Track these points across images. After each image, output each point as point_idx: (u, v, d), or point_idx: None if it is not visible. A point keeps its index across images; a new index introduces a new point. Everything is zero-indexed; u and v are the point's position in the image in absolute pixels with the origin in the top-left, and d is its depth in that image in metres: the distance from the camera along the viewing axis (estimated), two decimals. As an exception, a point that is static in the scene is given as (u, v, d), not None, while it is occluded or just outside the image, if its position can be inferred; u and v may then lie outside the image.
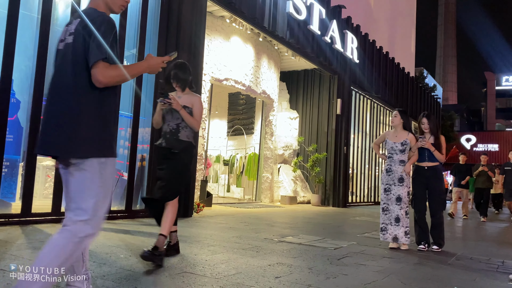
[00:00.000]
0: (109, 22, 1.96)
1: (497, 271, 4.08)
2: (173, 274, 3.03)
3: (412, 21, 28.94)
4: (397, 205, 4.94)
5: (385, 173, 5.10)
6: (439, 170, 5.10)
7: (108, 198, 2.01)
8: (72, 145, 1.88)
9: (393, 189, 4.99)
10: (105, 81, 1.88)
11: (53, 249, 1.88)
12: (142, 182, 6.67)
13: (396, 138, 5.10)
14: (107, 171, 1.95)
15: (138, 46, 6.46)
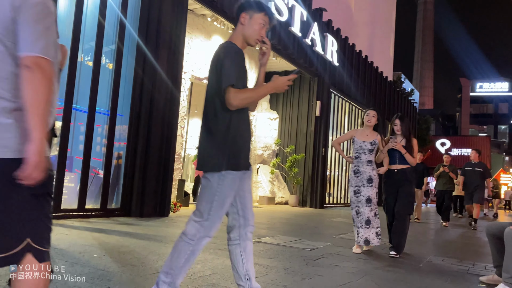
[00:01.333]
0: (237, 52, 2.25)
1: (467, 273, 4.18)
2: (147, 274, 2.99)
3: (391, 26, 29.44)
4: (367, 207, 4.78)
5: (353, 174, 4.91)
6: (409, 172, 4.92)
7: (225, 207, 2.25)
8: (203, 161, 2.27)
9: (362, 191, 4.82)
10: (236, 104, 2.15)
11: (177, 252, 2.25)
12: (118, 180, 6.57)
13: (366, 137, 4.93)
14: (226, 183, 2.20)
15: (117, 42, 6.36)
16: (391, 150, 4.92)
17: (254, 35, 2.36)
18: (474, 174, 9.33)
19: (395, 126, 5.03)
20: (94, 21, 6.08)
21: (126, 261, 3.34)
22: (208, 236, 2.25)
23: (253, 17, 2.35)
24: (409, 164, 4.89)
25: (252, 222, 2.40)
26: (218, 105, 2.22)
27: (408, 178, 4.90)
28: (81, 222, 5.37)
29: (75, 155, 6.55)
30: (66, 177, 5.81)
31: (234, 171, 2.21)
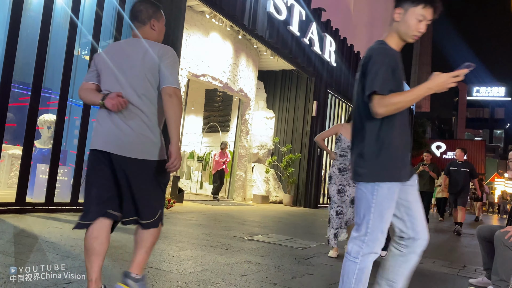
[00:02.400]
0: (385, 53, 2.05)
1: (457, 275, 4.20)
2: (138, 269, 2.99)
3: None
4: (351, 208, 4.43)
5: (337, 172, 4.51)
6: None
7: (385, 219, 2.07)
8: (355, 171, 2.12)
9: (347, 190, 4.47)
10: (382, 112, 1.97)
11: (345, 272, 2.11)
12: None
13: None
14: (381, 193, 2.04)
15: (114, 36, 6.34)
16: None
17: (410, 31, 2.13)
18: (459, 175, 8.61)
19: None
20: (91, 14, 6.05)
21: (117, 256, 3.33)
22: (374, 252, 2.07)
23: (409, 11, 2.11)
24: None
25: (424, 236, 2.19)
26: (364, 112, 2.08)
27: None
28: (74, 216, 5.35)
29: (69, 149, 6.54)
30: (60, 171, 5.79)
31: (389, 182, 2.04)
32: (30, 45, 5.43)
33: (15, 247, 3.24)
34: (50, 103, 6.62)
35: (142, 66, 2.14)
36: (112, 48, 2.29)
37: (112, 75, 2.18)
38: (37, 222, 4.59)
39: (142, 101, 2.13)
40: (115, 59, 2.20)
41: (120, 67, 2.17)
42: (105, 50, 2.29)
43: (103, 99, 2.11)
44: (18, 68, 5.23)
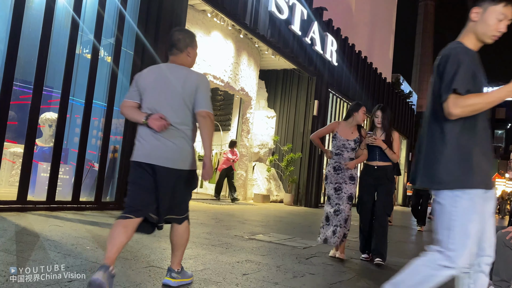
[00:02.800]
0: (463, 53, 1.96)
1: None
2: (140, 268, 2.99)
3: (391, 28, 29.47)
4: (348, 204, 4.37)
5: (332, 171, 4.43)
6: (390, 170, 4.49)
7: (469, 233, 1.91)
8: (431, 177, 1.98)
9: (344, 188, 4.38)
10: (457, 113, 1.88)
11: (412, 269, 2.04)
12: (114, 174, 6.56)
13: (351, 134, 4.47)
14: (462, 204, 1.90)
15: (116, 35, 6.34)
16: (370, 146, 4.48)
17: (489, 32, 2.02)
18: None
19: (376, 118, 4.53)
20: (93, 13, 6.06)
21: (119, 255, 3.33)
22: (457, 268, 1.91)
23: (488, 10, 2.00)
24: (391, 160, 4.46)
25: (490, 252, 2.04)
26: (440, 114, 1.96)
27: (388, 176, 4.48)
28: (75, 214, 5.36)
29: (70, 148, 6.54)
30: (61, 169, 5.80)
31: (471, 189, 1.90)
32: (32, 44, 5.43)
33: (16, 245, 3.24)
34: (52, 101, 6.63)
35: (183, 91, 2.53)
36: (153, 71, 2.61)
37: (154, 96, 2.53)
38: (38, 220, 4.60)
39: (181, 120, 2.53)
40: (157, 82, 2.55)
41: (162, 90, 2.53)
42: (147, 72, 2.63)
43: (146, 119, 2.46)
44: (19, 67, 5.24)
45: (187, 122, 2.56)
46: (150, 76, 2.58)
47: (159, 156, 2.48)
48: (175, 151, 2.51)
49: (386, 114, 4.52)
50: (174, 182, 2.53)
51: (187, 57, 2.65)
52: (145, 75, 2.60)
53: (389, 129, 4.52)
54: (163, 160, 2.48)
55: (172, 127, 2.51)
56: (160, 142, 2.49)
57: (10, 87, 4.96)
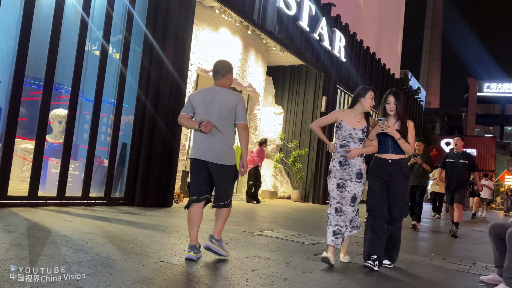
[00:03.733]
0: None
1: (468, 272, 4.18)
2: (150, 263, 3.02)
3: (399, 24, 29.25)
4: (351, 206, 3.82)
5: (338, 166, 3.84)
6: (405, 165, 3.96)
7: None
8: None
9: (348, 186, 3.80)
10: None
11: None
12: (123, 170, 6.61)
13: (358, 123, 3.87)
14: None
15: (124, 33, 6.36)
16: (381, 136, 3.91)
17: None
18: (457, 168, 7.35)
19: (387, 104, 3.95)
20: (102, 10, 6.08)
21: (129, 250, 3.36)
22: None
23: None
24: (405, 153, 3.94)
25: None
26: None
27: (404, 171, 3.92)
28: (85, 210, 5.41)
29: (80, 144, 6.59)
30: (71, 165, 5.85)
31: None
32: (42, 41, 5.47)
33: (28, 240, 3.29)
34: (61, 97, 6.67)
35: (225, 107, 3.42)
36: (203, 91, 3.52)
37: (204, 110, 3.43)
38: (49, 215, 4.65)
39: (224, 128, 3.42)
40: (206, 100, 3.45)
41: (210, 106, 3.42)
42: (198, 92, 3.54)
43: (199, 126, 3.35)
44: (30, 64, 5.28)
45: (228, 131, 3.45)
46: (201, 96, 3.47)
47: (209, 155, 3.38)
48: (220, 152, 3.39)
49: (399, 99, 3.93)
50: (220, 174, 3.44)
51: (227, 80, 3.54)
52: (196, 95, 3.50)
53: (403, 117, 3.94)
54: (212, 158, 3.38)
55: (217, 131, 3.39)
56: (209, 144, 3.38)
57: (21, 84, 5.01)
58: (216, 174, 3.41)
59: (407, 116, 4.01)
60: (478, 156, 40.35)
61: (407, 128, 3.90)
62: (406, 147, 3.86)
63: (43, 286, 2.24)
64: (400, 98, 3.94)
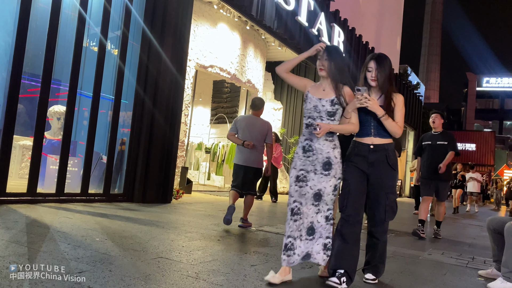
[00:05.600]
0: None
1: (466, 267, 4.20)
2: (149, 259, 3.02)
3: (399, 18, 29.18)
4: (313, 206, 2.91)
5: (300, 153, 2.97)
6: (392, 151, 3.02)
7: None
8: None
9: (310, 179, 2.90)
10: None
11: None
12: (122, 166, 6.61)
13: (323, 92, 2.99)
14: None
15: (122, 28, 6.34)
16: (361, 114, 3.00)
17: None
18: (435, 151, 6.00)
19: (368, 73, 3.08)
20: (100, 6, 6.06)
21: (128, 246, 3.37)
22: None
23: None
24: (391, 136, 3.01)
25: None
26: None
27: (390, 160, 2.99)
28: (84, 206, 5.42)
29: (79, 140, 6.59)
30: (70, 162, 5.84)
31: None
32: (40, 37, 5.45)
33: (27, 237, 3.29)
34: (59, 94, 6.66)
35: (261, 132, 5.19)
36: (245, 118, 5.29)
37: (246, 132, 5.14)
38: (48, 212, 4.65)
39: (258, 145, 5.15)
40: (247, 125, 5.18)
41: (250, 129, 5.15)
42: (242, 119, 5.26)
43: (243, 143, 5.05)
44: (27, 60, 5.26)
45: (261, 146, 5.20)
46: (244, 121, 5.21)
47: (247, 161, 5.11)
48: (255, 160, 5.15)
49: (384, 66, 3.03)
50: (253, 173, 5.16)
51: (261, 111, 5.36)
52: (241, 121, 5.23)
53: (388, 89, 3.03)
54: (248, 163, 5.12)
55: (254, 148, 5.09)
56: (249, 155, 5.11)
57: (18, 79, 4.99)
58: (249, 173, 5.11)
59: (395, 89, 3.10)
60: (478, 150, 40.38)
61: (395, 103, 3.01)
62: (392, 127, 2.94)
63: (42, 283, 2.24)
64: (385, 65, 3.03)
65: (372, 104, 2.87)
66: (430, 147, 6.11)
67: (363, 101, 2.86)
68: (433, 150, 6.05)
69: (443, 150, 5.98)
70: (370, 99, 2.88)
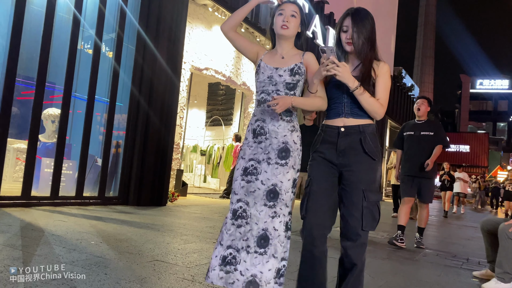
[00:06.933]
0: None
1: (461, 268, 4.22)
2: (144, 262, 3.02)
3: (393, 21, 29.34)
4: (267, 207, 2.14)
5: (250, 138, 2.25)
6: (370, 135, 2.15)
7: None
8: None
9: (262, 171, 2.16)
10: None
11: None
12: (117, 169, 6.59)
13: (282, 61, 2.27)
14: None
15: (117, 31, 6.33)
16: (331, 89, 2.22)
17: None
18: (421, 143, 5.17)
19: (343, 33, 2.24)
20: (94, 8, 6.05)
21: (123, 249, 3.36)
22: None
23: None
24: (371, 116, 2.16)
25: None
26: None
27: (366, 146, 2.12)
28: (79, 209, 5.39)
29: (73, 143, 6.56)
30: (65, 165, 5.82)
31: None
32: (34, 39, 5.43)
33: (21, 240, 3.27)
34: (54, 97, 6.64)
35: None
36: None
37: None
38: (42, 215, 4.63)
39: None
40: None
41: None
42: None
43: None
44: (21, 62, 5.24)
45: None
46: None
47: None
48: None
49: (363, 24, 2.23)
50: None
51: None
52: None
53: (367, 55, 2.20)
54: None
55: None
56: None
57: (12, 82, 4.97)
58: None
59: (375, 54, 2.29)
60: (472, 152, 40.62)
61: (376, 74, 2.19)
62: (370, 104, 2.10)
63: (36, 287, 2.23)
64: (364, 23, 2.23)
65: (342, 72, 2.05)
66: (412, 138, 5.25)
67: (329, 68, 2.05)
68: (416, 142, 5.19)
69: (429, 142, 5.15)
70: (340, 64, 2.05)
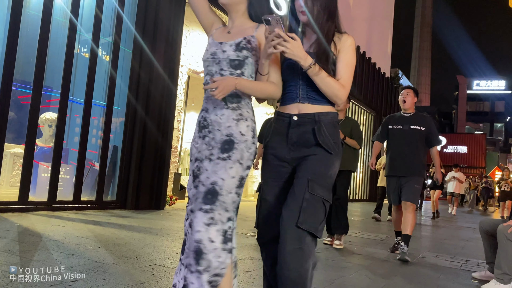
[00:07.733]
0: None
1: (460, 269, 4.22)
2: (143, 267, 3.00)
3: (389, 22, 29.42)
4: (201, 213, 1.68)
5: (196, 133, 1.89)
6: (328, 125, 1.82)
7: None
8: None
9: (205, 170, 1.77)
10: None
11: None
12: (114, 173, 6.57)
13: (229, 35, 1.88)
14: None
15: (114, 35, 6.32)
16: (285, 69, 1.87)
17: None
18: (409, 139, 4.60)
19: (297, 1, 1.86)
20: (91, 12, 6.05)
21: (121, 253, 3.34)
22: None
23: None
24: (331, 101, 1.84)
25: None
26: None
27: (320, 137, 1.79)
28: (77, 214, 5.37)
29: (70, 147, 6.55)
30: (62, 169, 5.80)
31: None
32: (30, 44, 5.42)
33: (19, 246, 3.25)
34: (50, 101, 6.62)
35: None
36: None
37: None
38: (40, 220, 4.60)
39: None
40: None
41: None
42: None
43: None
44: (18, 67, 5.23)
45: None
46: None
47: None
48: None
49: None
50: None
51: None
52: None
53: (324, 25, 1.83)
54: None
55: None
56: None
57: (9, 87, 4.95)
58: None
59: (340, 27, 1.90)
60: (469, 153, 40.69)
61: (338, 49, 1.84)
62: (328, 85, 1.76)
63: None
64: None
65: (291, 48, 1.65)
66: (399, 133, 4.66)
67: (275, 43, 1.64)
68: (403, 137, 4.59)
69: (418, 139, 4.57)
70: (288, 39, 1.64)
